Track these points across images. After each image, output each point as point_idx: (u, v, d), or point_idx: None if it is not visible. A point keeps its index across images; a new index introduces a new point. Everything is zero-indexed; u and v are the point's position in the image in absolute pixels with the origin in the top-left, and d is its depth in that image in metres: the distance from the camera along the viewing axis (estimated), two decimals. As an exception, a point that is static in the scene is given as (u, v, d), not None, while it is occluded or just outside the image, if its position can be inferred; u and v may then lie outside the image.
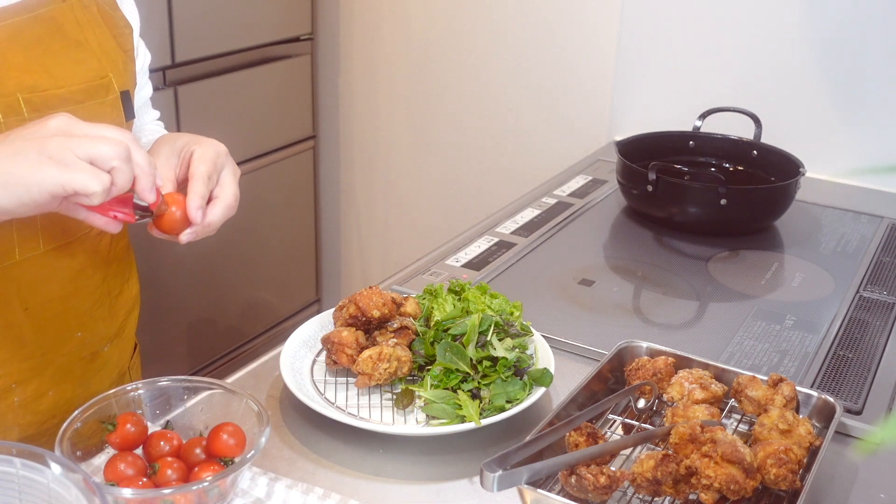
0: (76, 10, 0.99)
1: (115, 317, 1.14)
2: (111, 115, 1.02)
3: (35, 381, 1.03)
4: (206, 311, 2.30)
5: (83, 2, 1.00)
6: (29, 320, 1.01)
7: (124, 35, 1.07)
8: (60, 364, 1.05)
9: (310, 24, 2.41)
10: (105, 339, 1.12)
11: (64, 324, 1.05)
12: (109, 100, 1.01)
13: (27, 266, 0.98)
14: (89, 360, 1.10)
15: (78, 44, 0.99)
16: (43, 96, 0.93)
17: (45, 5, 0.96)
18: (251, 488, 0.90)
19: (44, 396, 1.04)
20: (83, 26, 1.00)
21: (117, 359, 1.16)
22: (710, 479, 0.84)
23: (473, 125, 2.35)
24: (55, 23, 0.97)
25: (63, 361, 1.06)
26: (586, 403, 0.99)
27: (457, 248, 1.48)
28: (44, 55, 0.95)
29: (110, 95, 1.01)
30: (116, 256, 1.11)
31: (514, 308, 1.14)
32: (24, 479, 0.71)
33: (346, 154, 2.62)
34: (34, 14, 0.95)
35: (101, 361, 1.12)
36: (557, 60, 2.16)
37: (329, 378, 1.08)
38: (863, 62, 1.79)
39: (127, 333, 1.18)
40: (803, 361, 1.17)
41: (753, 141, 1.73)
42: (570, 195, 1.74)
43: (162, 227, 0.92)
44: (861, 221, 1.65)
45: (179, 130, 2.06)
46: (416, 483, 0.94)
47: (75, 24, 0.99)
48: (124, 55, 1.06)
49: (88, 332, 1.08)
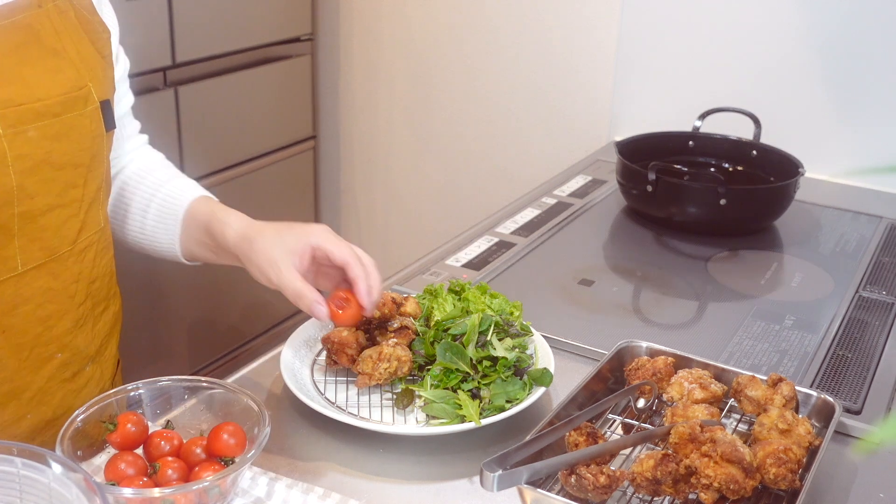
0: (53, 17, 0.95)
1: (98, 335, 1.09)
2: (90, 127, 0.98)
3: (13, 405, 0.98)
4: (206, 311, 2.30)
5: (60, 7, 0.96)
6: (6, 342, 0.96)
7: (102, 40, 1.03)
8: (40, 386, 1.01)
9: (310, 24, 2.41)
10: (86, 358, 1.07)
11: (43, 346, 1.00)
12: (89, 111, 0.98)
13: (5, 287, 0.94)
14: (69, 381, 1.05)
15: (55, 52, 0.94)
16: (18, 111, 0.89)
17: (20, 12, 0.92)
18: (251, 488, 0.90)
19: (22, 420, 1.00)
20: (60, 34, 0.95)
21: (99, 377, 1.10)
22: (710, 479, 0.84)
23: (473, 125, 2.35)
24: (31, 30, 0.92)
25: (42, 383, 1.01)
26: (586, 403, 0.99)
27: (457, 248, 1.48)
28: (20, 65, 0.91)
29: (89, 106, 0.98)
30: (100, 273, 1.07)
31: (514, 308, 1.14)
32: (24, 479, 0.71)
33: (346, 154, 2.62)
34: (9, 21, 0.91)
35: (83, 381, 1.07)
36: (557, 60, 2.16)
37: (329, 378, 1.08)
38: (862, 62, 1.79)
39: (109, 351, 1.13)
40: (803, 361, 1.18)
41: (753, 141, 1.73)
42: (570, 195, 1.75)
43: (345, 321, 1.03)
44: (860, 221, 1.65)
45: (180, 130, 2.07)
46: (416, 483, 0.94)
47: (52, 31, 0.94)
48: (103, 61, 1.02)
49: (69, 352, 1.03)
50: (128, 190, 1.16)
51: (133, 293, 1.96)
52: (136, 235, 1.16)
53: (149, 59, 1.97)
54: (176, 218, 1.13)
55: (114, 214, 1.16)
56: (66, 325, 1.02)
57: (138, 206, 1.15)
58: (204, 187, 1.17)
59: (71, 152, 0.96)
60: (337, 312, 1.01)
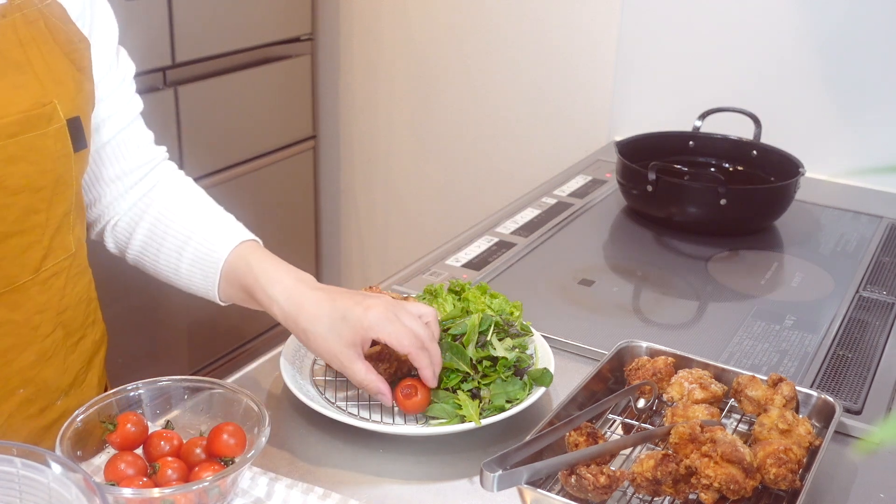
0: (19, 28, 0.88)
1: (71, 367, 1.02)
2: (54, 148, 0.90)
3: None
4: (206, 311, 2.28)
5: (28, 17, 0.89)
6: None
7: (79, 51, 0.95)
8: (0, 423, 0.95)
9: (310, 24, 2.41)
10: (57, 392, 1.00)
11: (2, 381, 0.94)
12: (52, 130, 0.90)
13: None
14: (36, 417, 0.99)
15: (18, 66, 0.88)
16: None
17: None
18: (251, 488, 0.90)
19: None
20: (26, 45, 0.88)
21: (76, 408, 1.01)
22: (710, 479, 0.84)
23: (473, 125, 2.35)
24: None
25: (2, 420, 0.95)
26: (586, 403, 0.99)
27: (457, 248, 1.48)
28: None
29: (53, 125, 0.90)
30: (72, 302, 1.00)
31: (514, 308, 1.14)
32: (24, 479, 0.71)
33: (346, 154, 2.62)
34: None
35: (54, 416, 1.00)
36: (557, 60, 2.16)
37: (329, 378, 1.08)
38: (863, 62, 1.79)
39: (89, 381, 1.07)
40: (803, 361, 1.17)
41: (753, 141, 1.73)
42: (570, 195, 1.74)
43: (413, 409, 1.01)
44: (861, 221, 1.65)
45: (179, 130, 2.07)
46: (416, 483, 0.94)
47: (16, 43, 0.88)
48: (79, 74, 0.94)
49: (34, 387, 0.97)
50: (159, 229, 1.08)
51: (133, 293, 1.97)
52: (170, 276, 1.09)
53: (149, 58, 1.97)
54: (215, 269, 1.05)
55: (144, 251, 1.09)
56: (28, 358, 0.96)
57: (171, 247, 1.07)
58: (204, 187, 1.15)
59: (29, 175, 0.89)
60: (405, 402, 1.00)
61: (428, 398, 1.01)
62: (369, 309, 0.96)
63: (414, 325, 0.97)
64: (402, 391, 1.00)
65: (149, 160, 1.11)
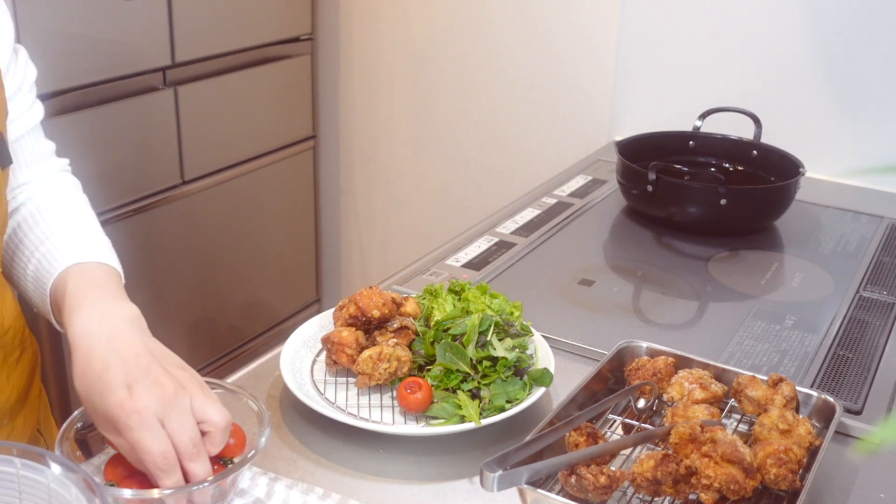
0: None
1: (15, 388, 0.95)
2: None
3: None
4: (206, 311, 2.30)
5: None
6: None
7: None
8: None
9: (310, 24, 2.41)
10: (2, 414, 0.94)
11: None
12: None
13: None
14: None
15: None
16: None
17: None
18: (251, 488, 0.90)
19: None
20: None
21: (23, 426, 0.97)
22: (710, 479, 0.84)
23: (473, 125, 2.35)
24: None
25: None
26: (586, 403, 0.99)
27: (457, 248, 1.48)
28: None
29: None
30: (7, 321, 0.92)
31: (514, 308, 1.14)
32: (24, 479, 0.71)
33: (346, 154, 2.62)
34: None
35: (2, 436, 0.95)
36: (557, 60, 2.16)
37: (329, 378, 1.08)
38: (863, 62, 1.79)
39: (33, 393, 1.00)
40: (803, 361, 1.17)
41: (753, 141, 1.73)
42: (570, 195, 1.74)
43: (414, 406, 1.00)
44: (861, 221, 1.65)
45: (179, 130, 2.07)
46: (416, 483, 0.94)
47: None
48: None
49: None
50: (16, 236, 0.97)
51: (132, 293, 1.96)
52: (21, 289, 0.97)
53: (149, 58, 1.97)
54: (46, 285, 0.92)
55: (4, 254, 0.97)
56: None
57: (21, 260, 0.95)
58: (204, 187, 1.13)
59: None
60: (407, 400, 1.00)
61: (430, 397, 1.01)
62: (135, 398, 0.78)
63: (182, 431, 0.78)
64: (405, 388, 1.00)
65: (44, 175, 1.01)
